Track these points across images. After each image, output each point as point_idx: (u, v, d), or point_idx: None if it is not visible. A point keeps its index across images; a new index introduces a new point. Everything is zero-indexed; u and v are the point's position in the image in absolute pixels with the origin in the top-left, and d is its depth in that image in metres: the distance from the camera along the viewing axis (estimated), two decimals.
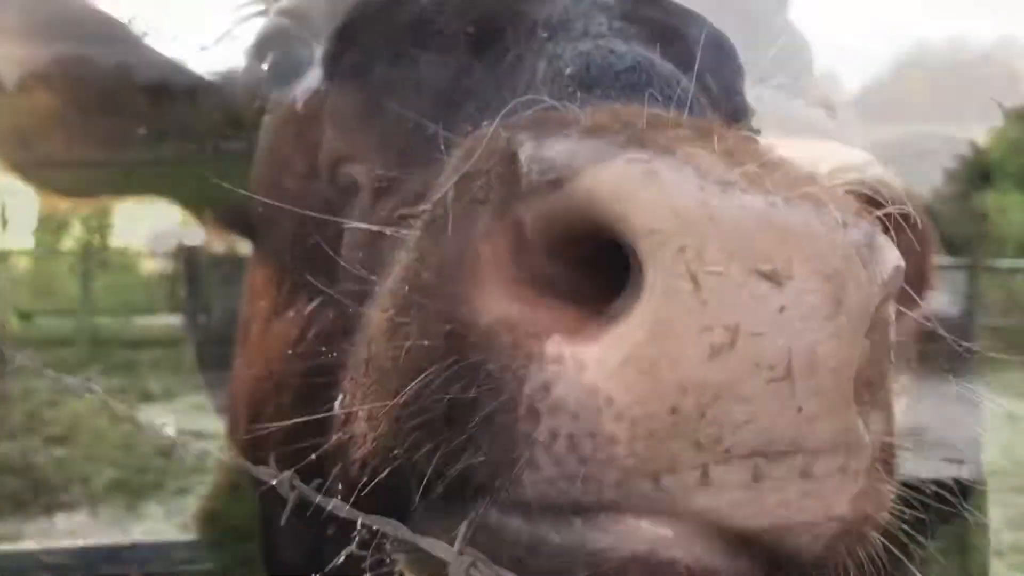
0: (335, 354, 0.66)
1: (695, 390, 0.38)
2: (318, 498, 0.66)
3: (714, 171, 0.39)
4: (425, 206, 0.48)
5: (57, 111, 0.93)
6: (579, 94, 0.58)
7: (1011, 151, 39.88)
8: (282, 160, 0.89)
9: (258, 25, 0.89)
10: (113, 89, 0.94)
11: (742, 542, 0.41)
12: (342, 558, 0.58)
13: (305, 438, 0.66)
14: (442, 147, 0.55)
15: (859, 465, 0.41)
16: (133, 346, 19.45)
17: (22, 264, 26.42)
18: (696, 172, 0.39)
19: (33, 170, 0.97)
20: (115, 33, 0.96)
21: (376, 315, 0.51)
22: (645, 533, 0.40)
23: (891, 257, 0.43)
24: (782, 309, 0.38)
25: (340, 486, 0.63)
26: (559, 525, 0.42)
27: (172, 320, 20.96)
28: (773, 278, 0.37)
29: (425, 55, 0.75)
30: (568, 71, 0.62)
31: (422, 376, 0.43)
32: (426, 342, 0.43)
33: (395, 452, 0.47)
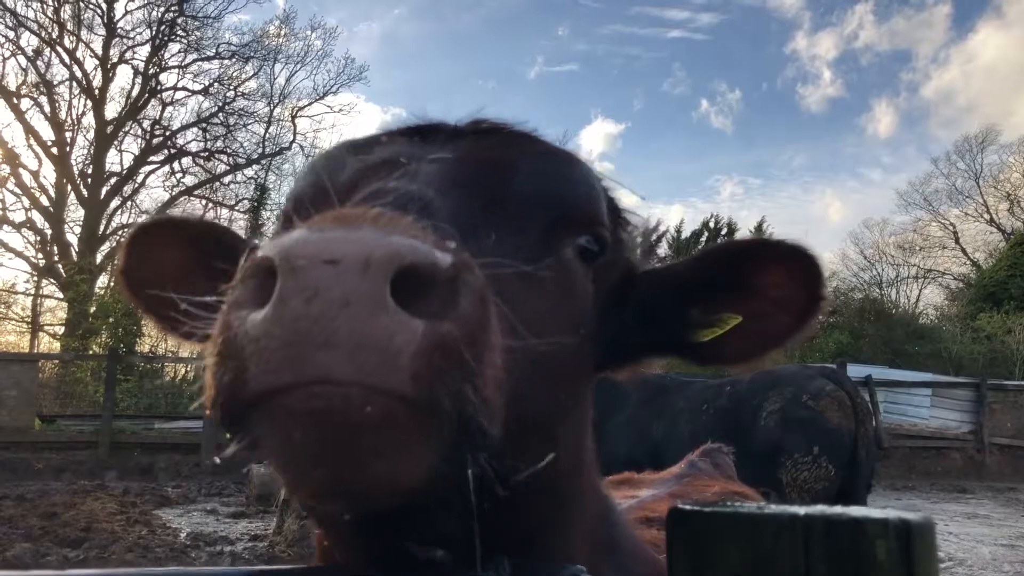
0: None
1: (303, 318, 0.75)
2: None
3: (319, 226, 0.80)
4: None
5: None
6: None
7: (1015, 273, 39.95)
8: None
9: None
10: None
11: None
12: None
13: None
14: None
15: (384, 333, 0.76)
16: (152, 450, 19.62)
17: (48, 369, 26.77)
18: (308, 228, 0.80)
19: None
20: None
21: None
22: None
23: (399, 244, 0.78)
24: (340, 273, 0.75)
25: None
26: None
27: (191, 425, 21.16)
28: (331, 262, 0.75)
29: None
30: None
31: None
32: None
33: None
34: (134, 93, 38.39)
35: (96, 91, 37.57)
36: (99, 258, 36.24)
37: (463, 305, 0.81)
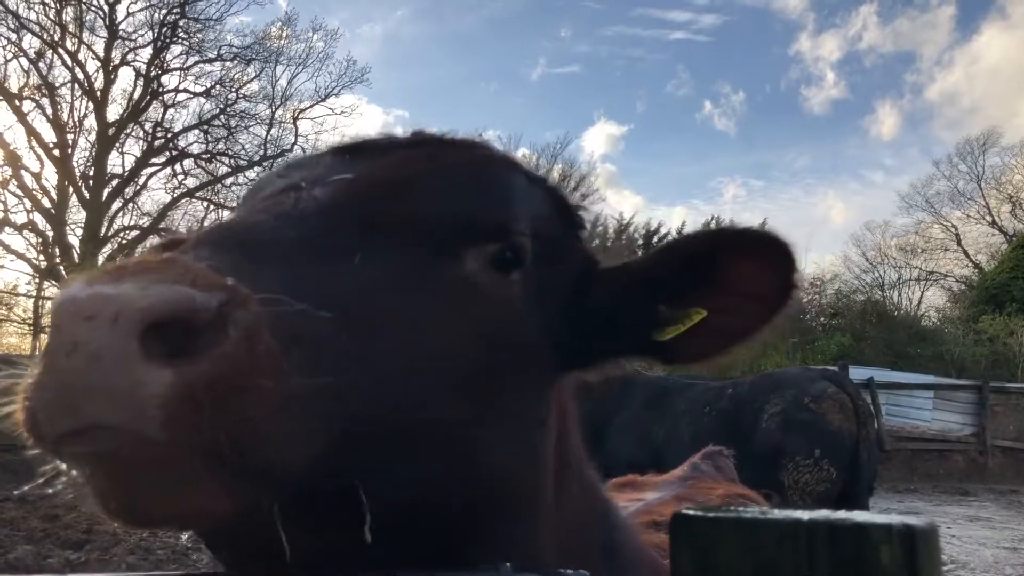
0: None
1: (66, 371, 0.79)
2: None
3: (86, 280, 0.83)
4: None
5: None
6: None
7: (1017, 275, 39.98)
8: None
9: None
10: None
11: None
12: None
13: None
14: None
15: (133, 384, 0.79)
16: None
17: None
18: (79, 282, 0.83)
19: None
20: None
21: None
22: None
23: (151, 297, 0.81)
24: (94, 328, 0.79)
25: None
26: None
27: None
28: (89, 318, 0.80)
29: None
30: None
31: None
32: None
33: None
34: (136, 95, 38.36)
35: (98, 93, 37.59)
36: (100, 260, 36.29)
37: (225, 346, 0.83)
